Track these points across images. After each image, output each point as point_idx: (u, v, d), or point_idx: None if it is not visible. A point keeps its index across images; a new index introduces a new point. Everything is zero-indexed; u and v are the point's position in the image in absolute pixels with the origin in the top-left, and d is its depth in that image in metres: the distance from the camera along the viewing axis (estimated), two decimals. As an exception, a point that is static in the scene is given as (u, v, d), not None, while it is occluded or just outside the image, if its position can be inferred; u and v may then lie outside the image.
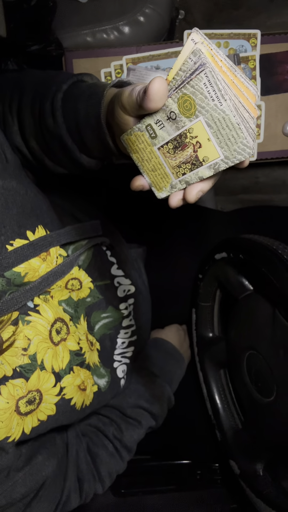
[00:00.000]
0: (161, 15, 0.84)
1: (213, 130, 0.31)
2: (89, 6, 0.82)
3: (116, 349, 0.59)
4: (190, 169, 0.34)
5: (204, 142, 0.32)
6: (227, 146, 0.31)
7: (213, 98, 0.29)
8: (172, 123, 0.32)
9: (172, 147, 0.33)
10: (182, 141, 0.33)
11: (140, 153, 0.35)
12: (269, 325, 0.52)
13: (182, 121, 0.32)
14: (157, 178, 0.36)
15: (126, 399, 0.60)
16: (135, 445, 0.59)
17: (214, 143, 0.31)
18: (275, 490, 0.57)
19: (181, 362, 0.72)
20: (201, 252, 0.70)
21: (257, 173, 1.05)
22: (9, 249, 0.41)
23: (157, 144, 0.34)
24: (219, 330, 0.72)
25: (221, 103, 0.29)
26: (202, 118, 0.31)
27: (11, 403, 0.39)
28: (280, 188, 1.07)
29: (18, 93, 0.47)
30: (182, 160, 0.33)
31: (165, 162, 0.35)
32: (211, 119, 0.30)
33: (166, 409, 0.64)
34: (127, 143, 0.35)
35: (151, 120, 0.33)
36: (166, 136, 0.33)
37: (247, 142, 0.30)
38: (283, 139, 0.76)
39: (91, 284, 0.55)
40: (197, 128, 0.31)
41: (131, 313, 0.63)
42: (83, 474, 0.51)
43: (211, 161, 0.32)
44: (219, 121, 0.30)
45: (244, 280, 0.60)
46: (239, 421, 0.68)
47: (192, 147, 0.32)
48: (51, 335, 0.44)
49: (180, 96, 0.31)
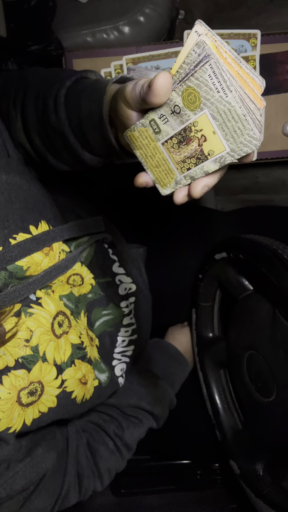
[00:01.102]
0: (161, 15, 0.84)
1: (219, 122, 0.30)
2: (89, 6, 0.82)
3: (117, 347, 0.60)
4: (195, 164, 0.33)
5: (209, 135, 0.31)
6: (233, 138, 0.30)
7: (218, 90, 0.29)
8: (176, 117, 0.32)
9: (177, 142, 0.33)
10: (187, 135, 0.32)
11: (144, 149, 0.35)
12: (269, 325, 0.52)
13: (186, 115, 0.31)
14: (161, 174, 0.36)
15: (127, 400, 0.60)
16: (136, 443, 0.59)
17: (219, 136, 0.31)
18: (275, 490, 0.57)
19: (184, 365, 0.72)
20: (201, 252, 0.70)
21: (257, 173, 1.05)
22: (12, 243, 0.41)
23: (161, 140, 0.34)
24: (219, 330, 0.72)
25: (227, 94, 0.29)
26: (207, 111, 0.30)
27: (12, 393, 0.39)
28: (280, 188, 1.07)
29: (23, 89, 0.47)
30: (186, 154, 0.33)
31: (169, 158, 0.34)
32: (216, 111, 0.30)
33: (168, 411, 0.65)
34: (130, 139, 0.35)
35: (154, 115, 0.33)
36: (170, 131, 0.33)
37: (253, 134, 0.30)
38: (283, 139, 0.76)
39: (93, 281, 0.55)
40: (202, 121, 0.31)
41: (132, 312, 0.63)
42: (83, 470, 0.51)
43: (217, 154, 0.32)
44: (224, 113, 0.30)
45: (244, 280, 0.60)
46: (239, 421, 0.68)
47: (197, 141, 0.32)
48: (53, 328, 0.44)
49: (184, 89, 0.30)
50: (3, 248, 0.41)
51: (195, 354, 0.74)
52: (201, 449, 0.76)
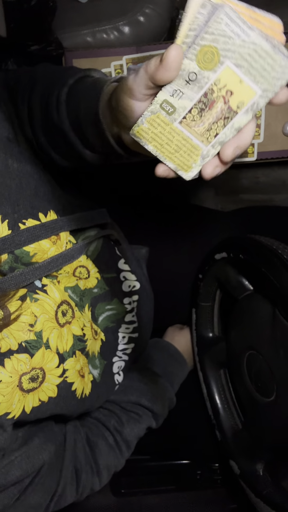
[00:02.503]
0: (161, 15, 0.84)
1: (244, 68, 0.29)
2: (89, 6, 0.82)
3: (119, 344, 0.60)
4: (223, 125, 0.31)
5: (235, 87, 0.30)
6: (264, 77, 0.29)
7: (239, 34, 0.28)
8: (193, 85, 0.30)
9: (197, 112, 0.31)
10: (209, 99, 0.31)
11: (158, 139, 0.33)
12: (269, 325, 0.52)
13: (205, 78, 0.30)
14: (183, 157, 0.33)
15: (127, 396, 0.60)
16: (135, 440, 0.58)
17: (248, 83, 0.30)
18: (275, 490, 0.57)
19: (183, 365, 0.72)
20: (201, 252, 0.70)
21: (257, 173, 1.05)
22: (22, 228, 0.42)
23: (177, 119, 0.32)
24: (219, 330, 0.72)
25: (249, 35, 0.28)
26: (228, 62, 0.29)
27: (14, 377, 0.39)
28: (280, 188, 1.07)
29: (30, 85, 0.48)
30: (211, 120, 0.31)
31: (190, 134, 0.32)
32: (240, 58, 0.29)
33: (167, 410, 0.64)
34: (139, 135, 0.33)
35: (165, 95, 0.31)
36: (187, 104, 0.31)
37: (286, 63, 0.29)
38: (283, 139, 0.76)
39: (98, 275, 0.55)
40: (224, 75, 0.30)
41: (134, 309, 0.63)
42: (81, 465, 0.51)
43: (248, 103, 0.30)
44: (250, 56, 0.29)
45: (244, 280, 0.60)
46: (239, 421, 0.68)
47: (222, 100, 0.31)
48: (57, 316, 0.44)
49: (198, 50, 0.29)
50: (12, 231, 0.41)
51: (195, 354, 0.74)
52: (201, 449, 0.76)
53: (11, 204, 0.42)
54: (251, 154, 0.76)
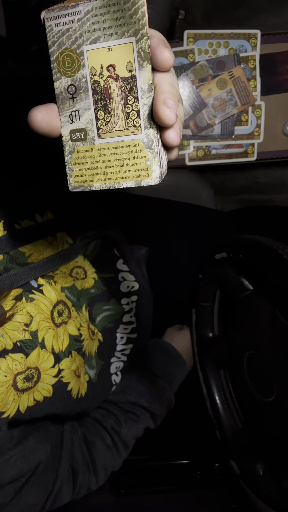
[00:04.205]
0: (161, 15, 0.84)
1: (101, 37, 0.26)
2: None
3: (117, 345, 0.59)
4: (135, 98, 0.27)
5: (110, 58, 0.26)
6: (123, 26, 0.26)
7: (73, 20, 0.26)
8: (79, 95, 0.27)
9: (103, 111, 0.28)
10: (102, 92, 0.27)
11: (97, 170, 0.28)
12: (269, 325, 0.51)
13: (81, 79, 0.27)
14: (133, 166, 0.28)
15: (126, 396, 0.60)
16: (133, 441, 0.58)
17: (116, 43, 0.26)
18: (275, 490, 0.57)
19: (182, 365, 0.72)
20: (201, 252, 0.70)
21: (257, 173, 1.05)
22: (17, 228, 0.42)
23: (94, 136, 0.28)
24: (219, 330, 0.72)
25: (79, 11, 0.26)
26: (85, 47, 0.27)
27: (9, 377, 0.39)
28: (280, 188, 1.07)
29: None
30: (121, 105, 0.27)
31: (117, 137, 0.28)
32: (90, 34, 0.26)
33: (166, 410, 0.64)
34: (79, 184, 0.29)
35: (67, 128, 0.28)
36: (90, 114, 0.28)
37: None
38: (283, 139, 0.76)
39: (96, 275, 0.55)
40: (93, 60, 0.27)
41: (133, 310, 0.63)
42: (77, 464, 0.50)
43: (134, 57, 0.26)
44: (95, 23, 0.26)
45: (244, 280, 0.60)
46: (239, 421, 0.68)
47: (112, 81, 0.27)
48: (53, 316, 0.45)
49: (56, 65, 0.27)
50: (8, 232, 0.41)
51: (195, 354, 0.74)
52: (201, 449, 0.76)
53: (6, 205, 0.42)
54: (251, 154, 0.76)
